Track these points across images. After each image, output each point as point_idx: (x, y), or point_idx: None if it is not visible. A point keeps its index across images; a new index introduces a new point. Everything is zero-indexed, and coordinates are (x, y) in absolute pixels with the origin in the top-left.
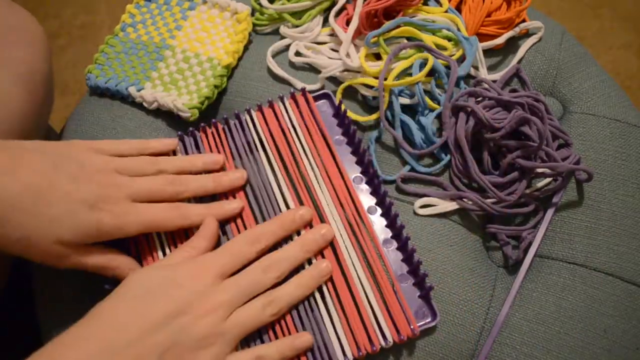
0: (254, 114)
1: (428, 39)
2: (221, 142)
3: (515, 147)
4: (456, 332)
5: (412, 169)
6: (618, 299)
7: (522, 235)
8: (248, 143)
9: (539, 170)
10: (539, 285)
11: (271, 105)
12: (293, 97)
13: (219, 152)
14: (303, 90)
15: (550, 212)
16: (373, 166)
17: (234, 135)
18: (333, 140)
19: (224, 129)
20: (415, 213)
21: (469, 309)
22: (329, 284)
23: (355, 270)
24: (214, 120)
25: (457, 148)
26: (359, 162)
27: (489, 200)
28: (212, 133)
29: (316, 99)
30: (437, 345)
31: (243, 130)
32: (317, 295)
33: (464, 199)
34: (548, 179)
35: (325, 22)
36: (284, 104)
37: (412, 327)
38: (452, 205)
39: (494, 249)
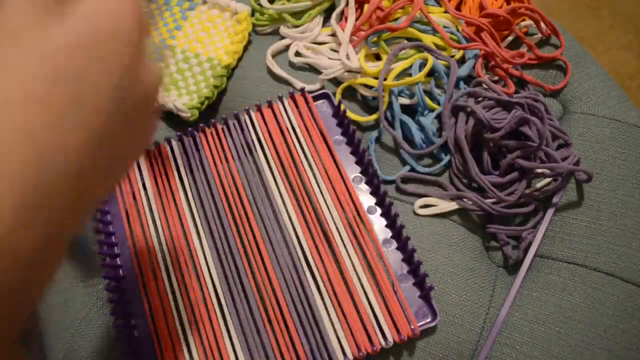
0: (252, 114)
1: (428, 39)
2: (220, 142)
3: (515, 147)
4: (456, 332)
5: (412, 169)
6: (618, 299)
7: (522, 235)
8: (247, 144)
9: (539, 170)
10: (539, 285)
11: (270, 106)
12: (292, 97)
13: (217, 152)
14: (302, 91)
15: (550, 212)
16: (373, 166)
17: (232, 135)
18: (332, 140)
19: (222, 129)
20: (415, 213)
21: (469, 309)
22: (328, 285)
23: (355, 271)
24: (213, 120)
25: (457, 148)
26: (358, 162)
27: (489, 200)
28: (212, 133)
29: (315, 99)
30: (437, 345)
31: (242, 130)
32: (317, 296)
33: (464, 199)
34: (548, 179)
35: (326, 22)
36: (283, 104)
37: (412, 327)
38: (452, 206)
39: (494, 249)
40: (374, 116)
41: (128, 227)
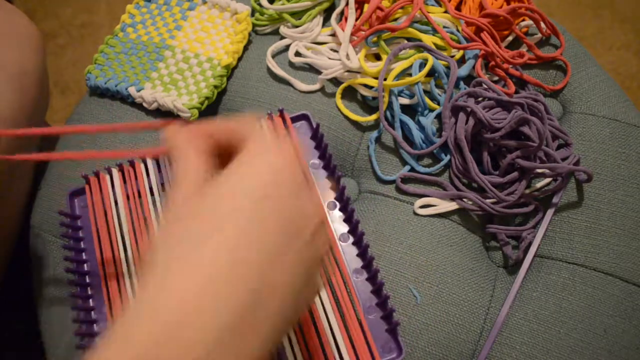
0: None
1: (428, 39)
2: None
3: (515, 147)
4: (456, 332)
5: (412, 169)
6: (618, 299)
7: (522, 235)
8: None
9: (539, 170)
10: (539, 285)
11: None
12: (270, 117)
13: None
14: (281, 111)
15: (550, 212)
16: (346, 193)
17: None
18: (309, 164)
19: None
20: (415, 213)
21: (469, 309)
22: None
23: (322, 302)
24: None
25: (457, 148)
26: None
27: (488, 200)
28: None
29: (294, 119)
30: (437, 345)
31: None
32: None
33: (464, 199)
34: (548, 179)
35: (326, 22)
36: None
37: None
38: (452, 205)
39: (494, 249)
40: (374, 116)
41: (98, 244)
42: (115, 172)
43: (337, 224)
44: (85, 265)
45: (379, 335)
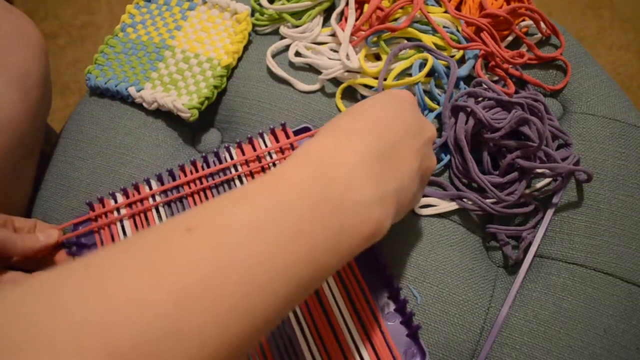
0: (233, 150)
1: (428, 39)
2: (200, 181)
3: (515, 147)
4: (456, 332)
5: None
6: (618, 299)
7: (522, 235)
8: (227, 181)
9: (539, 170)
10: (538, 285)
11: (250, 142)
12: (273, 132)
13: (197, 192)
14: (283, 126)
15: (550, 212)
16: None
17: (212, 173)
18: None
19: (202, 167)
20: (415, 213)
21: (469, 309)
22: (312, 326)
23: (340, 311)
24: (192, 159)
25: (457, 148)
26: None
27: (488, 200)
28: (190, 171)
29: (296, 133)
30: (437, 345)
31: (221, 165)
32: (300, 339)
33: (464, 199)
34: (548, 179)
35: (326, 22)
36: (263, 140)
37: None
38: (452, 206)
39: (494, 249)
40: None
41: None
42: (120, 197)
43: None
44: None
45: (401, 340)
